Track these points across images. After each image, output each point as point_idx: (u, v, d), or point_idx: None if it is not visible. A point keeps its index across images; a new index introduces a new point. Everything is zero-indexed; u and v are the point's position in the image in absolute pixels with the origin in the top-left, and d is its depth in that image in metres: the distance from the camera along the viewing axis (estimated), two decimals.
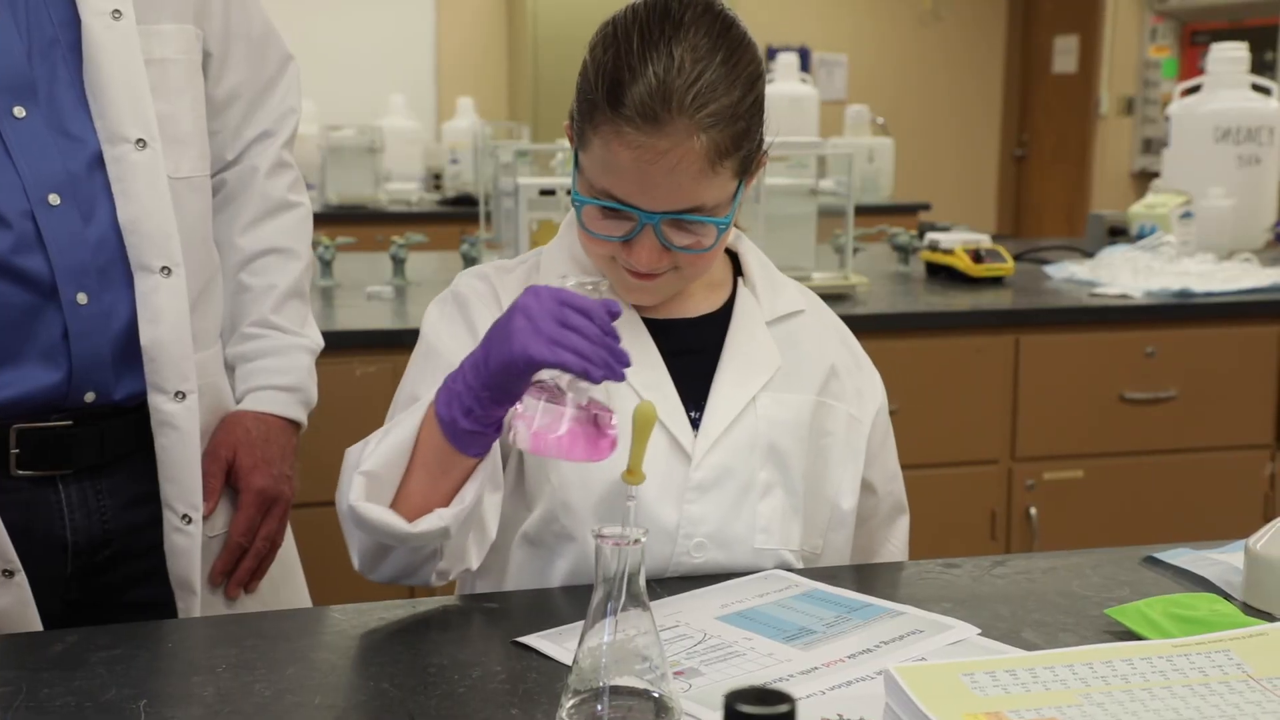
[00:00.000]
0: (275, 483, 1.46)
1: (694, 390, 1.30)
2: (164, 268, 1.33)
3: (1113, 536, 2.69)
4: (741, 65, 1.20)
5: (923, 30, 8.21)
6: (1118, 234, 3.41)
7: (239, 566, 1.46)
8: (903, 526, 1.47)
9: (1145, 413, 2.78)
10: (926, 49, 8.24)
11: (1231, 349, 2.82)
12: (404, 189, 5.01)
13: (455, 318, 1.31)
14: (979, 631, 1.13)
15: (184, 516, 1.38)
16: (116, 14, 1.31)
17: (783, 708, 0.61)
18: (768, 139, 1.27)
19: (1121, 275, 2.98)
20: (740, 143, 1.20)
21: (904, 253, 3.23)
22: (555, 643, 1.08)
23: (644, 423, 0.95)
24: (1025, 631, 1.14)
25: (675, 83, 1.15)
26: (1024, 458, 2.75)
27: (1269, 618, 1.17)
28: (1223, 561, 1.30)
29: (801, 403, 1.32)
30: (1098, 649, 0.95)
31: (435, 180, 5.43)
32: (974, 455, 2.72)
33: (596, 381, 1.05)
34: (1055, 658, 0.93)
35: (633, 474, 0.95)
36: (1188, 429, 2.81)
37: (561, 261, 1.33)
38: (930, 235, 3.13)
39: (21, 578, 1.29)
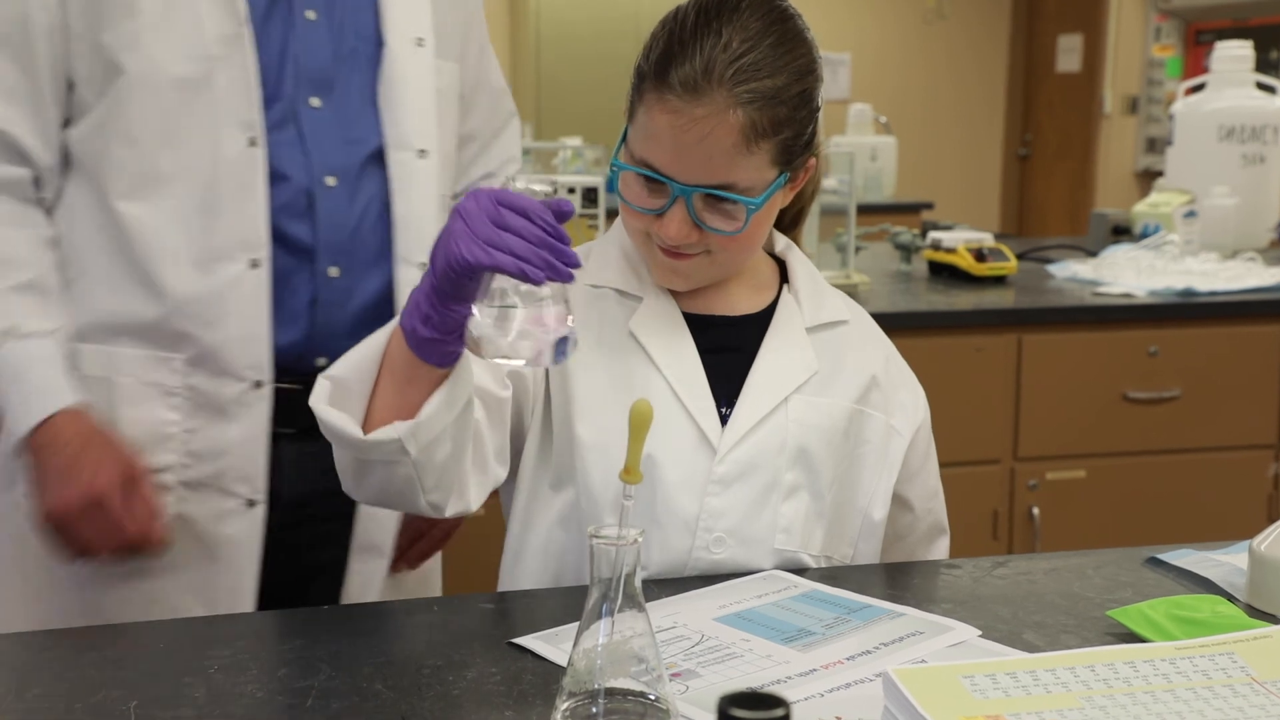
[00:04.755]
0: None
1: (729, 388, 1.29)
2: (423, 264, 1.43)
3: (1116, 537, 2.68)
4: (791, 55, 1.22)
5: (926, 29, 8.20)
6: (1121, 233, 3.40)
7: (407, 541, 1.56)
8: (942, 547, 1.45)
9: (1148, 412, 2.77)
10: (930, 48, 8.24)
11: (1235, 348, 2.81)
12: None
13: None
14: (979, 633, 1.12)
15: None
16: (420, 41, 1.48)
17: (777, 712, 0.60)
18: (821, 140, 1.27)
19: (1125, 274, 2.97)
20: (780, 128, 1.20)
21: (906, 251, 3.22)
22: (551, 644, 1.07)
23: (640, 421, 0.94)
24: (1026, 633, 1.13)
25: (719, 57, 1.18)
26: (1026, 457, 2.74)
27: (1273, 620, 1.15)
28: (1226, 563, 1.29)
29: (836, 408, 1.31)
30: (1099, 651, 0.94)
31: None
32: (976, 455, 2.71)
33: (537, 283, 1.02)
34: (1056, 660, 0.92)
35: (629, 473, 0.94)
36: (1191, 429, 2.80)
37: (610, 252, 1.34)
38: (933, 234, 3.12)
39: (261, 510, 1.41)
